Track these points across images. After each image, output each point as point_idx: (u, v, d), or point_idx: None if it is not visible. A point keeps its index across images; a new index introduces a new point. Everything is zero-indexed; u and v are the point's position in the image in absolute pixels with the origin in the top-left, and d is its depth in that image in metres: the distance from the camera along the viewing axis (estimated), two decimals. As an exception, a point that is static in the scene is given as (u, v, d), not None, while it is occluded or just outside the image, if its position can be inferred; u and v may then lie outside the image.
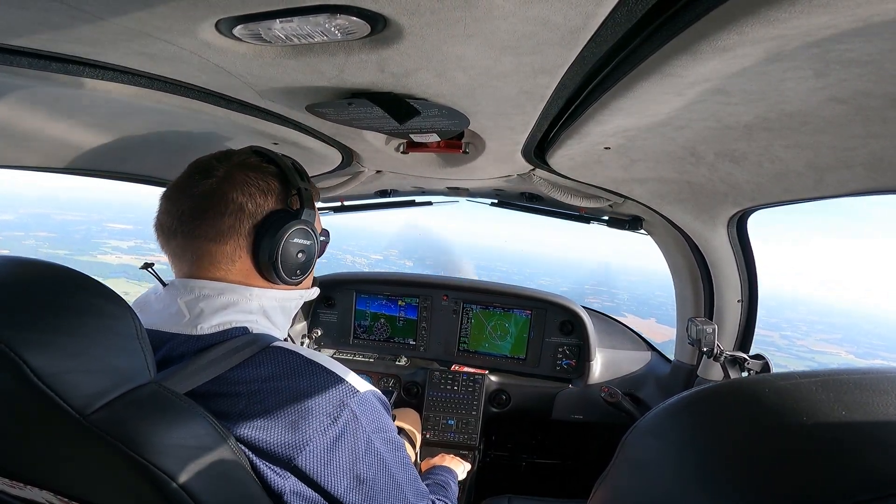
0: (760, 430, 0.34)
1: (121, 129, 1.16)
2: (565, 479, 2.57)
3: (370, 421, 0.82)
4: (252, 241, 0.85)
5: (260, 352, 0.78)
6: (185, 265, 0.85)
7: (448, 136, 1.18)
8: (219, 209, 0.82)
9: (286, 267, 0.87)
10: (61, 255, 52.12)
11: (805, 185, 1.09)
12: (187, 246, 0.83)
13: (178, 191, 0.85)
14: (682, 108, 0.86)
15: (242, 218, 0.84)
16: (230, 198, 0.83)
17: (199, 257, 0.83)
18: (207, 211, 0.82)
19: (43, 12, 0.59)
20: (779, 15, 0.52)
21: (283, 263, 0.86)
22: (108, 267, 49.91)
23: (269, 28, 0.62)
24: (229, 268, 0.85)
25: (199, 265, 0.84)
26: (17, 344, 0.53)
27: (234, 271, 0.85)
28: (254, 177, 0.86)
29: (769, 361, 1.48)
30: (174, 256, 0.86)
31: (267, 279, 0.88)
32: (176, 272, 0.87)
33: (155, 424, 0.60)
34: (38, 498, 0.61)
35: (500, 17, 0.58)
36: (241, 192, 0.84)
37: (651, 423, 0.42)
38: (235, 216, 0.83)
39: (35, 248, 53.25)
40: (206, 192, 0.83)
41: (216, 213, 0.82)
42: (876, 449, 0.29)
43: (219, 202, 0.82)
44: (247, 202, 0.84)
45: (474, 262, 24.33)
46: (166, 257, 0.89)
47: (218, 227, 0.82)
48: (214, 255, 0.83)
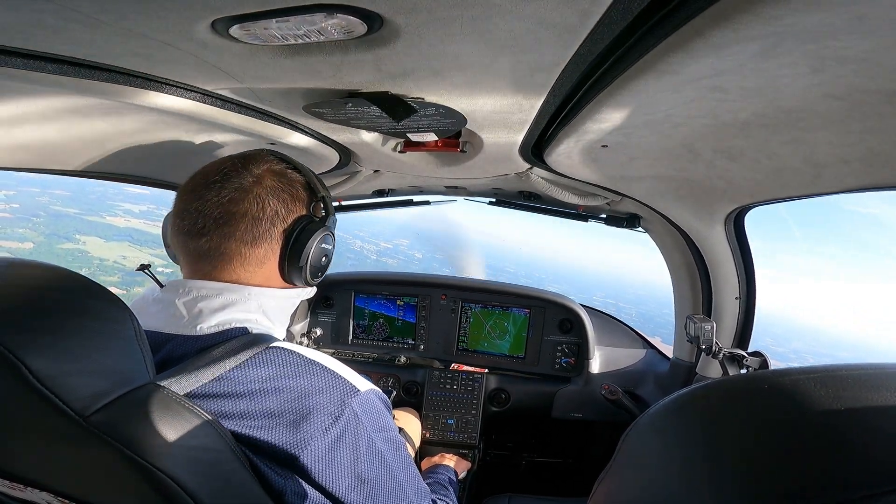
0: (760, 427, 0.34)
1: (117, 131, 1.16)
2: (565, 478, 2.57)
3: (372, 420, 0.82)
4: (282, 245, 0.88)
5: (260, 352, 0.78)
6: (208, 265, 0.85)
7: (445, 135, 1.18)
8: (256, 213, 0.85)
9: (311, 270, 0.92)
10: (70, 213, 52.16)
11: (802, 181, 1.09)
12: (218, 247, 0.84)
13: (206, 190, 0.85)
14: (679, 106, 0.86)
15: (276, 222, 0.87)
16: (266, 203, 0.86)
17: (230, 258, 0.85)
18: (245, 214, 0.84)
19: (37, 13, 0.59)
20: (774, 12, 0.52)
21: (311, 267, 0.91)
22: (113, 229, 49.95)
23: (265, 28, 0.62)
24: (255, 270, 0.87)
25: (226, 266, 0.85)
26: (16, 346, 0.53)
27: (259, 273, 0.88)
28: (285, 183, 0.90)
29: (767, 358, 1.48)
30: (196, 255, 0.85)
31: (288, 280, 0.91)
32: (189, 271, 0.87)
33: (154, 426, 0.60)
34: (38, 500, 0.61)
35: (496, 15, 0.58)
36: (277, 198, 0.87)
37: (650, 420, 0.42)
38: (270, 221, 0.87)
39: (47, 204, 53.03)
40: (240, 196, 0.85)
41: (253, 218, 0.85)
42: (876, 443, 0.29)
43: (255, 206, 0.85)
44: (280, 207, 0.88)
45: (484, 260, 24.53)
46: (180, 256, 0.89)
47: (254, 231, 0.85)
48: (247, 258, 0.86)
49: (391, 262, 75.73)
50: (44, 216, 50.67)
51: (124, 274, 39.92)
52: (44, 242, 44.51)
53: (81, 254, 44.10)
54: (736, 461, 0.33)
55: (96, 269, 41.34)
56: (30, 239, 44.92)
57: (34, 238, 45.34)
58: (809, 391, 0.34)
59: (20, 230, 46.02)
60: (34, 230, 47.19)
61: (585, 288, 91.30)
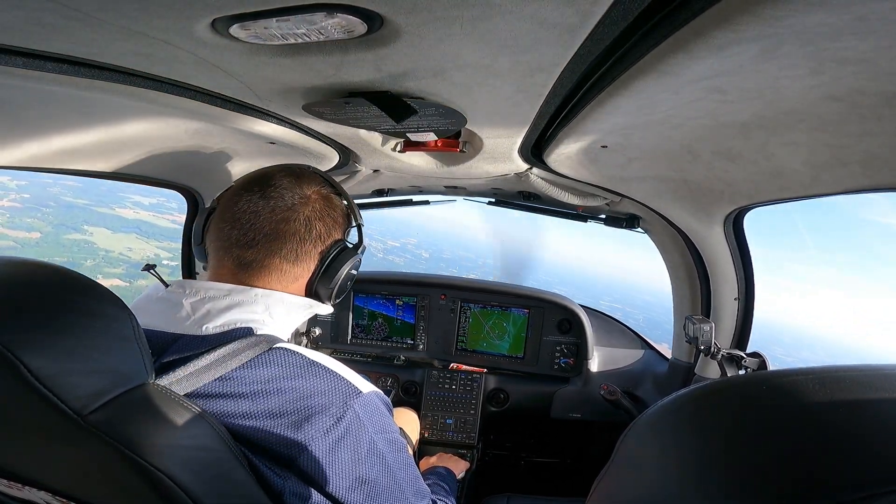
0: (758, 427, 0.34)
1: (117, 130, 1.16)
2: (564, 478, 2.57)
3: (373, 422, 0.82)
4: (317, 265, 0.93)
5: (264, 352, 0.78)
6: (244, 274, 0.89)
7: (445, 134, 1.18)
8: (303, 234, 0.90)
9: (338, 292, 0.98)
10: (80, 204, 52.48)
11: (801, 182, 1.09)
12: (262, 260, 0.88)
13: (260, 201, 0.89)
14: (679, 106, 0.86)
15: (318, 244, 0.93)
16: (313, 225, 0.92)
17: (270, 272, 0.89)
18: (294, 234, 0.89)
19: (37, 12, 0.58)
20: (774, 13, 0.52)
21: (338, 289, 0.97)
22: (122, 221, 50.28)
23: (265, 27, 0.62)
24: (288, 284, 0.92)
25: (264, 277, 0.89)
26: (15, 345, 0.53)
27: (291, 287, 0.92)
28: (330, 207, 0.95)
29: (766, 359, 1.48)
30: (238, 263, 0.89)
31: (311, 295, 0.96)
32: (222, 274, 0.89)
33: (153, 425, 0.60)
34: (36, 499, 0.61)
35: (496, 15, 0.58)
36: (322, 222, 0.93)
37: (649, 420, 0.43)
38: (313, 243, 0.92)
39: (58, 195, 53.40)
40: (290, 216, 0.89)
41: (300, 238, 0.90)
42: (875, 444, 0.29)
43: (304, 228, 0.90)
44: (323, 231, 0.93)
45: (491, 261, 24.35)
46: (215, 258, 0.91)
47: (298, 250, 0.90)
48: (285, 273, 0.91)
49: (398, 261, 75.60)
50: (54, 206, 50.83)
51: (129, 266, 39.99)
52: (51, 233, 44.56)
53: (88, 245, 44.17)
54: (735, 462, 0.33)
55: (101, 261, 41.35)
56: (37, 229, 45.02)
57: (42, 228, 45.45)
58: (808, 392, 0.34)
59: (28, 220, 46.10)
60: (43, 220, 47.34)
61: (592, 292, 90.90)
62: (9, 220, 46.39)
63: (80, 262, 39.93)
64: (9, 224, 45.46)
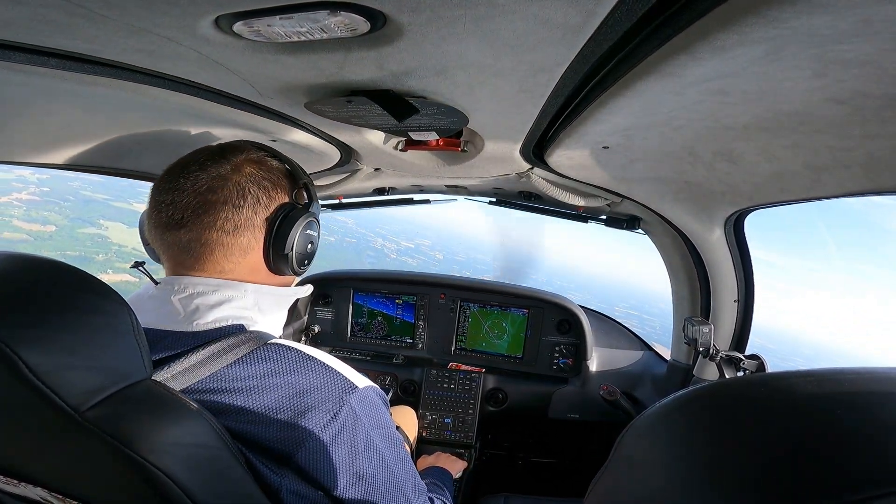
0: (757, 428, 0.34)
1: (119, 126, 1.16)
2: (561, 478, 2.57)
3: (370, 417, 0.82)
4: (265, 233, 0.86)
5: (258, 348, 0.78)
6: (190, 258, 0.83)
7: (447, 134, 1.18)
8: (236, 201, 0.83)
9: (297, 258, 0.89)
10: (99, 199, 52.82)
11: (802, 185, 1.09)
12: (198, 238, 0.82)
13: (182, 179, 0.83)
14: (681, 108, 0.86)
15: (258, 210, 0.85)
16: (247, 190, 0.84)
17: (212, 249, 0.83)
18: (226, 203, 0.82)
19: (41, 8, 0.58)
20: (779, 15, 0.52)
21: (296, 254, 0.88)
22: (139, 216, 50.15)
23: (268, 25, 0.62)
24: (239, 260, 0.85)
25: (208, 258, 0.83)
26: (13, 340, 0.53)
27: (243, 264, 0.86)
28: (265, 170, 0.88)
29: (765, 361, 1.49)
30: (177, 248, 0.83)
31: (274, 271, 0.89)
32: (172, 266, 0.86)
33: (150, 421, 0.60)
34: (32, 495, 0.61)
35: (500, 14, 0.58)
36: (257, 185, 0.85)
37: (647, 422, 0.42)
38: (252, 209, 0.84)
39: (78, 189, 53.59)
40: (218, 184, 0.82)
41: (233, 206, 0.82)
42: (872, 448, 0.29)
43: (235, 194, 0.83)
44: (261, 195, 0.85)
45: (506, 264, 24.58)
46: (160, 252, 0.87)
47: (235, 219, 0.82)
48: (229, 247, 0.83)
49: (411, 262, 75.25)
50: (73, 200, 51.06)
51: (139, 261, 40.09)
52: (66, 226, 44.61)
53: (101, 239, 44.22)
54: (733, 464, 0.33)
55: (113, 255, 41.36)
56: (53, 222, 45.11)
57: (58, 221, 45.52)
58: (807, 393, 0.34)
59: (45, 213, 46.16)
60: (59, 214, 47.46)
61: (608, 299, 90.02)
62: (25, 213, 46.62)
63: (92, 257, 40.02)
64: (24, 217, 45.70)
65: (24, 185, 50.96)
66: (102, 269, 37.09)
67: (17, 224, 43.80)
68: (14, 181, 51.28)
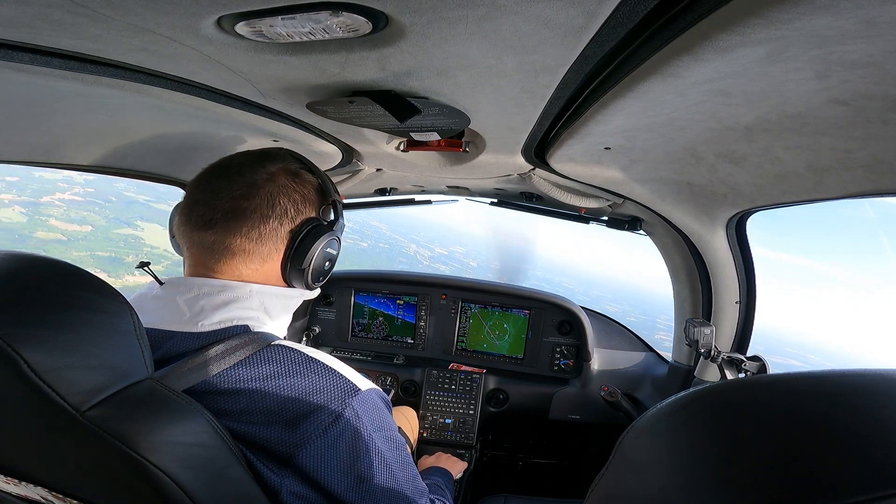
0: (758, 430, 0.34)
1: (122, 126, 1.16)
2: (562, 479, 2.57)
3: (372, 419, 0.82)
4: (286, 245, 0.88)
5: (261, 349, 0.78)
6: (212, 259, 0.85)
7: (448, 134, 1.18)
8: (265, 211, 0.85)
9: (314, 274, 0.91)
10: (141, 200, 53.46)
11: (805, 186, 1.09)
12: (222, 241, 0.84)
13: (219, 182, 0.85)
14: (683, 109, 0.86)
15: (285, 222, 0.87)
16: (277, 201, 0.86)
17: (233, 254, 0.84)
18: (255, 211, 0.84)
19: (45, 8, 0.59)
20: (781, 16, 0.52)
21: (313, 270, 0.90)
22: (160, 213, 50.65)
23: (270, 25, 0.62)
24: (257, 267, 0.87)
25: (228, 261, 0.84)
26: (14, 339, 0.53)
27: (260, 271, 0.87)
28: (298, 183, 0.90)
29: (766, 363, 1.48)
30: (201, 247, 0.85)
31: (287, 282, 0.91)
32: (193, 265, 0.87)
33: (151, 421, 0.60)
34: (33, 495, 0.61)
35: (501, 15, 0.58)
36: (288, 198, 0.87)
37: (647, 423, 0.42)
38: (279, 220, 0.86)
39: (121, 190, 54.21)
40: (251, 192, 0.84)
41: (262, 215, 0.84)
42: (872, 448, 0.29)
43: (265, 204, 0.85)
44: (290, 207, 0.87)
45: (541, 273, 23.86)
46: (184, 247, 0.88)
47: (261, 228, 0.84)
48: (250, 254, 0.85)
49: (444, 269, 75.00)
50: (115, 201, 51.53)
51: (170, 263, 40.28)
52: (103, 226, 44.91)
53: (135, 240, 44.55)
54: (734, 465, 0.33)
55: (144, 256, 41.83)
56: (91, 222, 45.35)
57: (95, 222, 45.82)
58: (808, 394, 0.34)
59: (84, 213, 46.37)
60: (99, 214, 47.72)
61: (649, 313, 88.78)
62: (64, 212, 46.85)
63: (123, 257, 40.23)
64: (63, 217, 45.95)
65: (69, 185, 51.32)
66: (129, 269, 37.33)
67: (53, 224, 44.01)
68: (60, 181, 51.71)
